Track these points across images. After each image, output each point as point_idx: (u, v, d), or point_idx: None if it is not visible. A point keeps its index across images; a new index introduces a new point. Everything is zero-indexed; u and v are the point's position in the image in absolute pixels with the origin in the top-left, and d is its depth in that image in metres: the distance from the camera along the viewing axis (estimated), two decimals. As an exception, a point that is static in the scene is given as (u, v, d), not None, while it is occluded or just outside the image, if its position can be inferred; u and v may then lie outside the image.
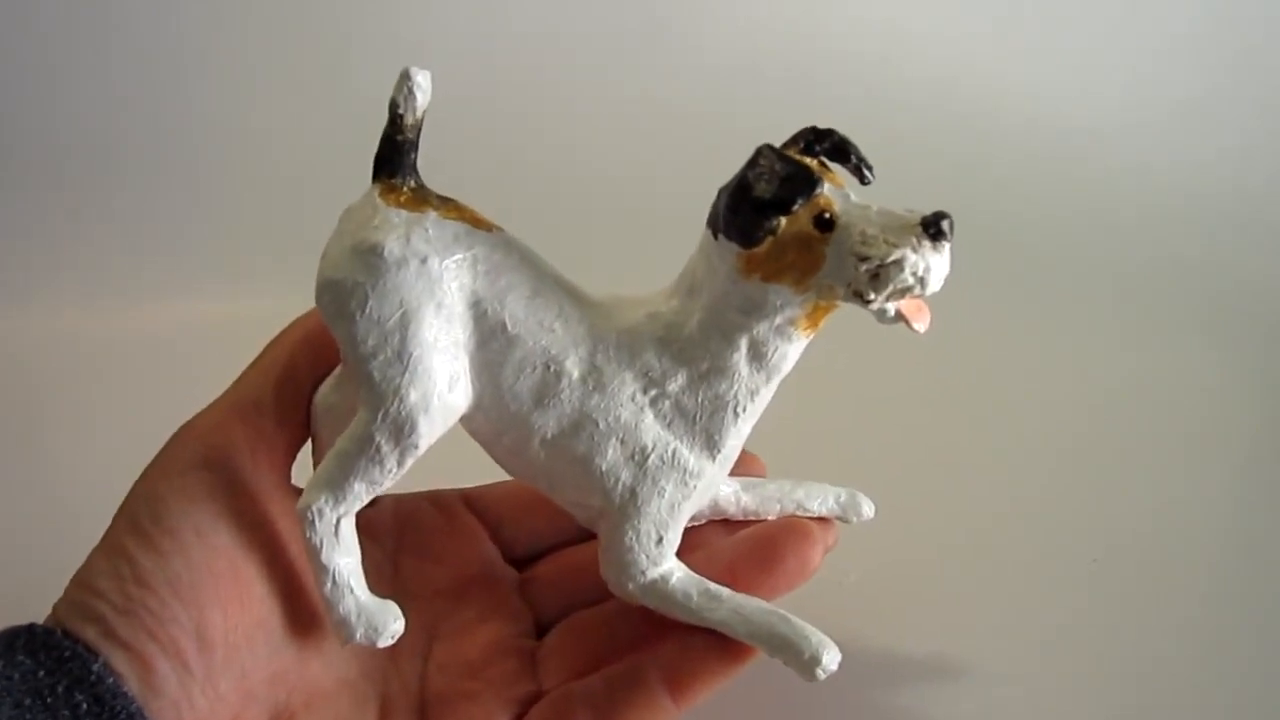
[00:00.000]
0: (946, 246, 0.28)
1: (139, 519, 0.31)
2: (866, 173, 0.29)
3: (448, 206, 0.30)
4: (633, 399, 0.31)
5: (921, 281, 0.28)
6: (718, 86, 0.83)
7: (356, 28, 0.80)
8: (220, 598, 0.30)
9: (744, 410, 0.31)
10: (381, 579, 0.35)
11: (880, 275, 0.28)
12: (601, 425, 0.31)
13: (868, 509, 0.37)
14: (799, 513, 0.37)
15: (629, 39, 0.83)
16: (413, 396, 0.30)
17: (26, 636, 0.28)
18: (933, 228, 0.27)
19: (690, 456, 0.32)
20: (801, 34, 0.85)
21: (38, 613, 0.29)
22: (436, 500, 0.39)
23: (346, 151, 0.76)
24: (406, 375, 0.30)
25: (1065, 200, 0.82)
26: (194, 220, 0.75)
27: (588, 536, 0.37)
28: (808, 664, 0.32)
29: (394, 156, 0.30)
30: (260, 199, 0.76)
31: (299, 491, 0.32)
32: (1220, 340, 0.66)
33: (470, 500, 0.40)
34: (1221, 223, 0.81)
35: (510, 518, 0.39)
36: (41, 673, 0.27)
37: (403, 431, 0.30)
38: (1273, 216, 0.81)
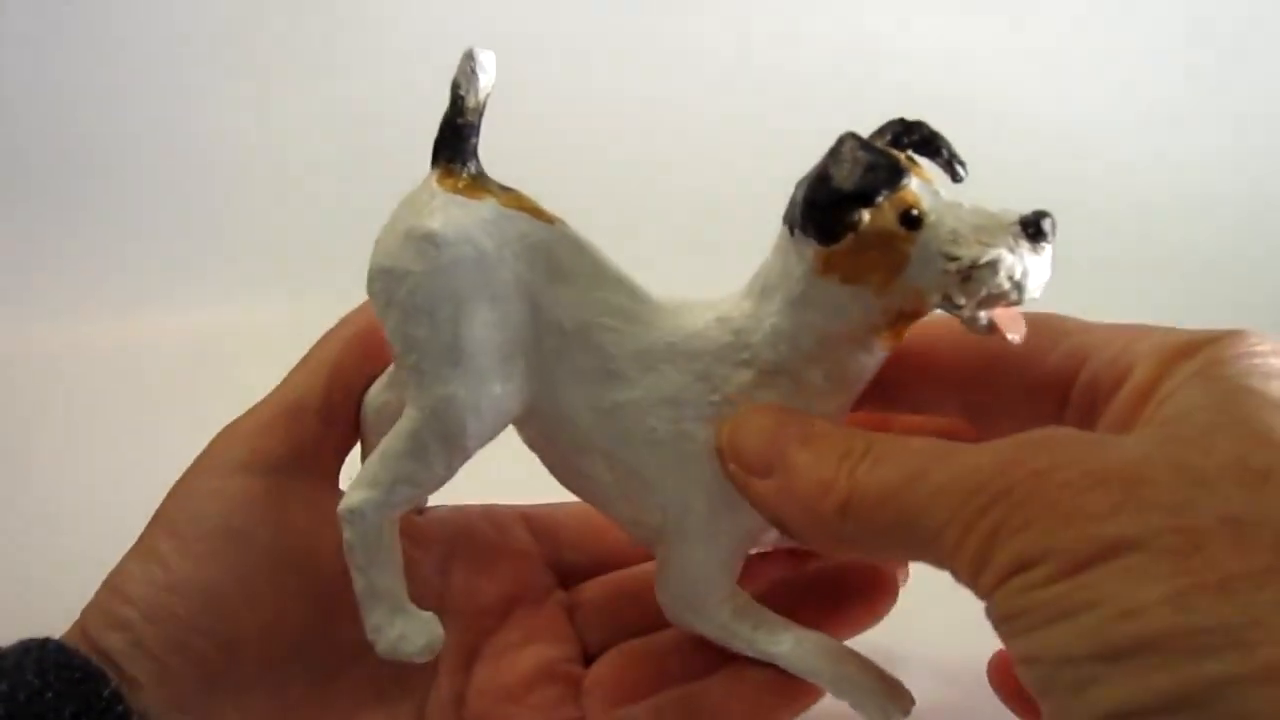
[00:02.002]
0: (1047, 249, 0.25)
1: (176, 522, 0.30)
2: (959, 169, 0.27)
3: (508, 195, 0.29)
4: (696, 408, 0.29)
5: (1018, 286, 0.25)
6: (716, 88, 0.82)
7: (351, 37, 0.81)
8: (257, 610, 0.29)
9: None
10: (428, 591, 0.33)
11: (972, 278, 0.25)
12: (662, 434, 0.29)
13: None
14: None
15: (628, 40, 0.83)
16: (462, 394, 0.28)
17: (39, 653, 0.27)
18: (1032, 227, 0.25)
19: None
20: (799, 34, 0.85)
21: (39, 624, 0.28)
22: (491, 515, 0.37)
23: (345, 161, 0.78)
24: (457, 370, 0.28)
25: (1064, 201, 0.80)
26: (195, 228, 0.76)
27: (645, 560, 0.35)
28: (876, 712, 0.29)
29: (454, 141, 0.28)
30: (261, 207, 0.77)
31: None
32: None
33: (529, 518, 0.37)
34: (1219, 223, 0.79)
35: (570, 542, 0.37)
36: (49, 694, 0.26)
37: (450, 430, 0.28)
38: (1268, 215, 0.80)
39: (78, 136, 0.77)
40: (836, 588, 0.32)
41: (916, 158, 0.27)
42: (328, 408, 0.32)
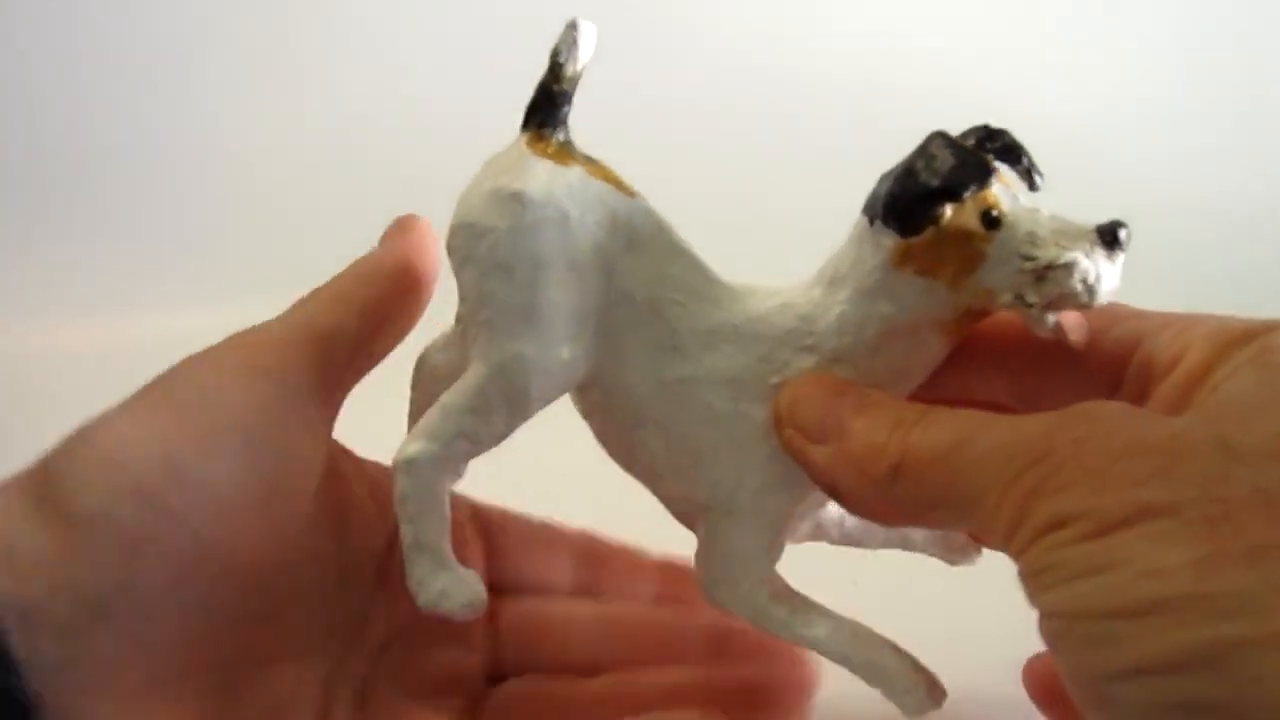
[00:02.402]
0: (1121, 257, 0.26)
1: (182, 400, 0.27)
2: (1036, 178, 0.28)
3: (593, 165, 0.29)
4: (755, 389, 0.29)
5: (1090, 290, 0.26)
6: (712, 91, 0.84)
7: (343, 41, 0.82)
8: (248, 525, 0.27)
9: None
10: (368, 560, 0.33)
11: (1047, 278, 0.26)
12: (719, 411, 0.29)
13: (975, 552, 0.35)
14: (902, 547, 0.35)
15: (629, 38, 0.82)
16: (531, 352, 0.28)
17: None
18: (1109, 235, 0.26)
19: None
20: (796, 35, 0.86)
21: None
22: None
23: (334, 165, 0.78)
24: (529, 330, 0.28)
25: (1062, 201, 0.81)
26: (181, 230, 0.76)
27: (580, 589, 0.35)
28: (909, 703, 0.30)
29: (548, 107, 0.29)
30: (248, 209, 0.77)
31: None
32: None
33: (480, 515, 0.36)
34: (1216, 223, 0.81)
35: (512, 547, 0.36)
36: None
37: (515, 387, 0.29)
38: (1264, 215, 0.82)
39: (65, 138, 0.77)
40: (756, 690, 0.33)
41: (998, 164, 0.28)
42: (359, 344, 0.30)
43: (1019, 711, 0.31)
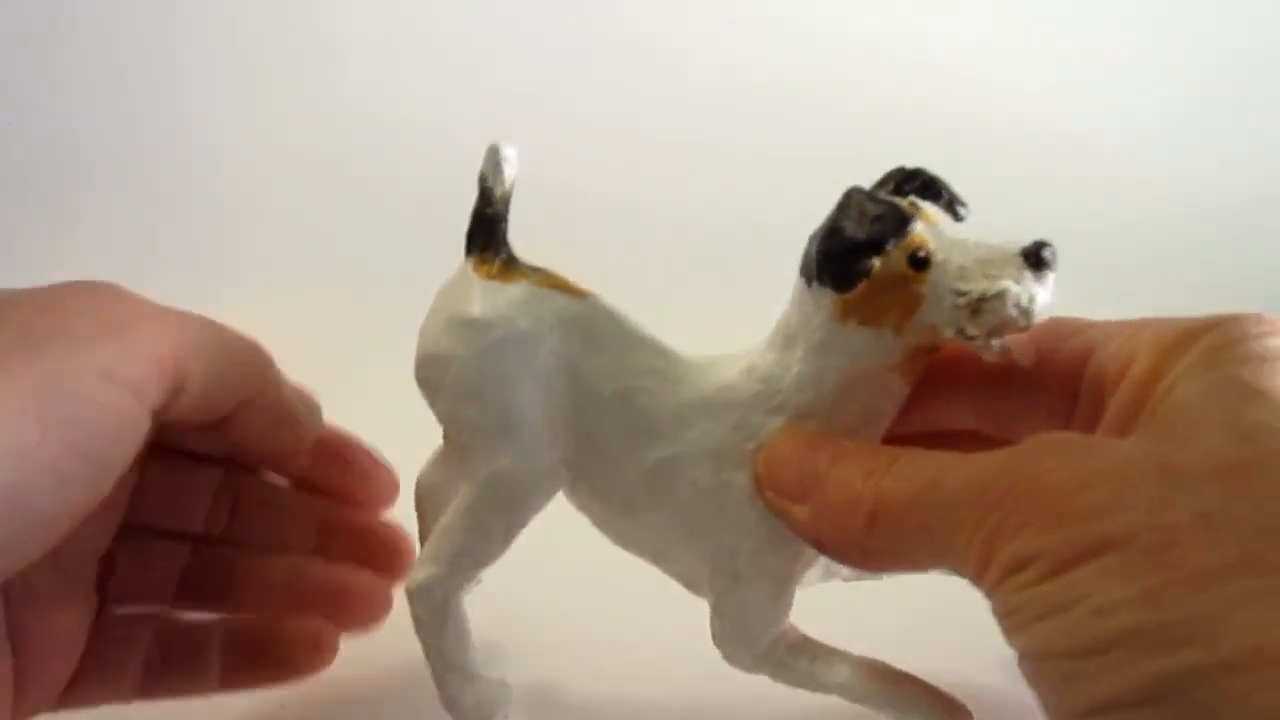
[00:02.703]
0: (1050, 276, 0.27)
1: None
2: (960, 209, 0.29)
3: (539, 275, 0.30)
4: (735, 457, 0.30)
5: (1025, 313, 0.27)
6: (715, 89, 0.83)
7: (337, 41, 0.82)
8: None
9: None
10: None
11: (982, 309, 0.27)
12: (705, 484, 0.30)
13: None
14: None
15: (626, 42, 0.84)
16: (513, 465, 0.30)
17: None
18: (1034, 257, 0.27)
19: None
20: (794, 35, 0.86)
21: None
22: None
23: (328, 167, 0.78)
24: (508, 444, 0.30)
25: (1064, 202, 0.81)
26: (183, 232, 0.76)
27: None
28: None
29: (485, 230, 0.30)
30: (242, 211, 0.77)
31: None
32: None
33: None
34: (1214, 224, 0.80)
35: None
36: None
37: (506, 500, 0.30)
38: (1262, 220, 0.81)
39: (65, 138, 0.78)
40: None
41: (919, 202, 0.29)
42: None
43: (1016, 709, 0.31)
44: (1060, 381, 0.28)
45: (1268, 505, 0.20)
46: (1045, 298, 0.27)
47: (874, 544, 0.26)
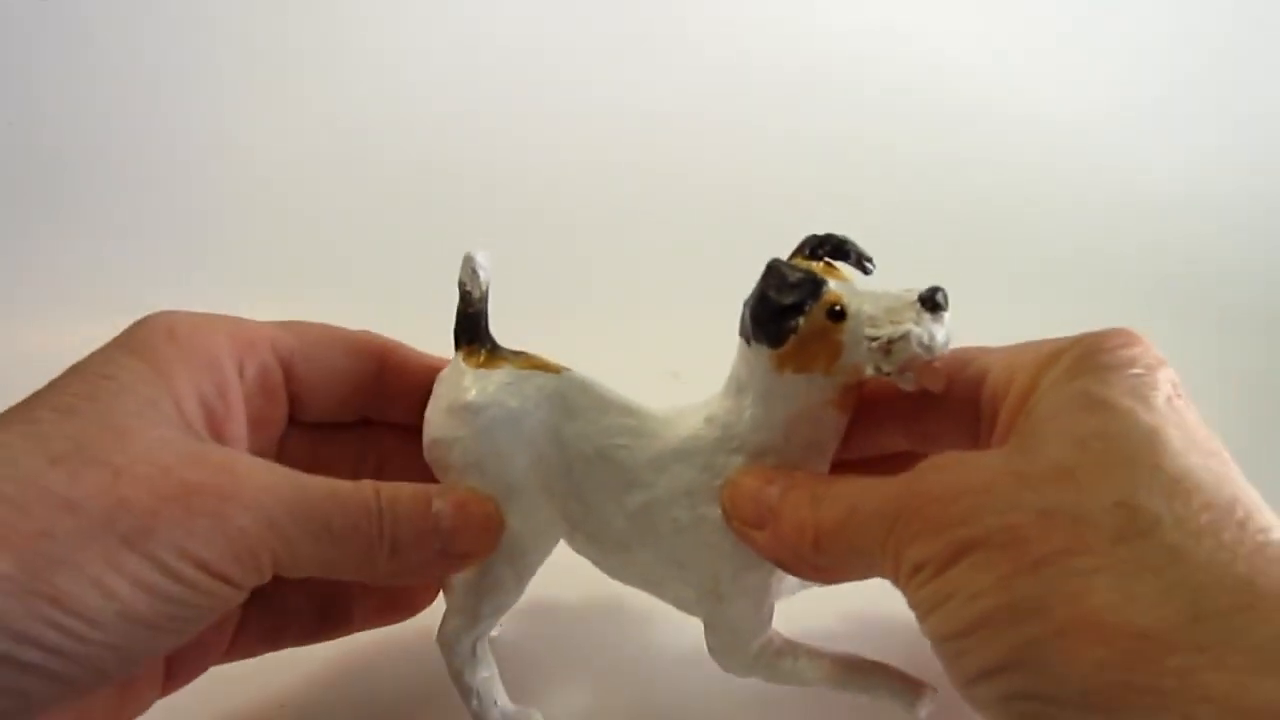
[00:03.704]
0: (945, 315, 0.32)
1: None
2: (867, 264, 0.34)
3: (520, 359, 0.35)
4: (706, 494, 0.35)
5: (928, 349, 0.31)
6: (714, 90, 0.86)
7: (340, 40, 0.84)
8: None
9: None
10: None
11: (891, 350, 0.31)
12: (684, 521, 0.35)
13: None
14: None
15: (623, 40, 0.86)
16: (518, 524, 0.35)
17: None
18: (929, 302, 0.31)
19: None
20: (792, 36, 0.88)
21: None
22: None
23: (323, 170, 0.77)
24: (510, 507, 0.34)
25: (1063, 202, 0.84)
26: (184, 232, 0.77)
27: None
28: (905, 703, 0.35)
29: (469, 327, 0.35)
30: (251, 212, 0.78)
31: None
32: (1215, 335, 0.69)
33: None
34: (1213, 223, 0.83)
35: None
36: None
37: (514, 554, 0.35)
38: (1261, 213, 0.83)
39: (65, 138, 0.79)
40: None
41: (833, 262, 0.34)
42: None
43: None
44: (965, 402, 0.33)
45: (1088, 500, 0.25)
46: (943, 334, 0.32)
47: (822, 562, 0.31)
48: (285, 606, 0.37)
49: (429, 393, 0.36)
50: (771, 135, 0.86)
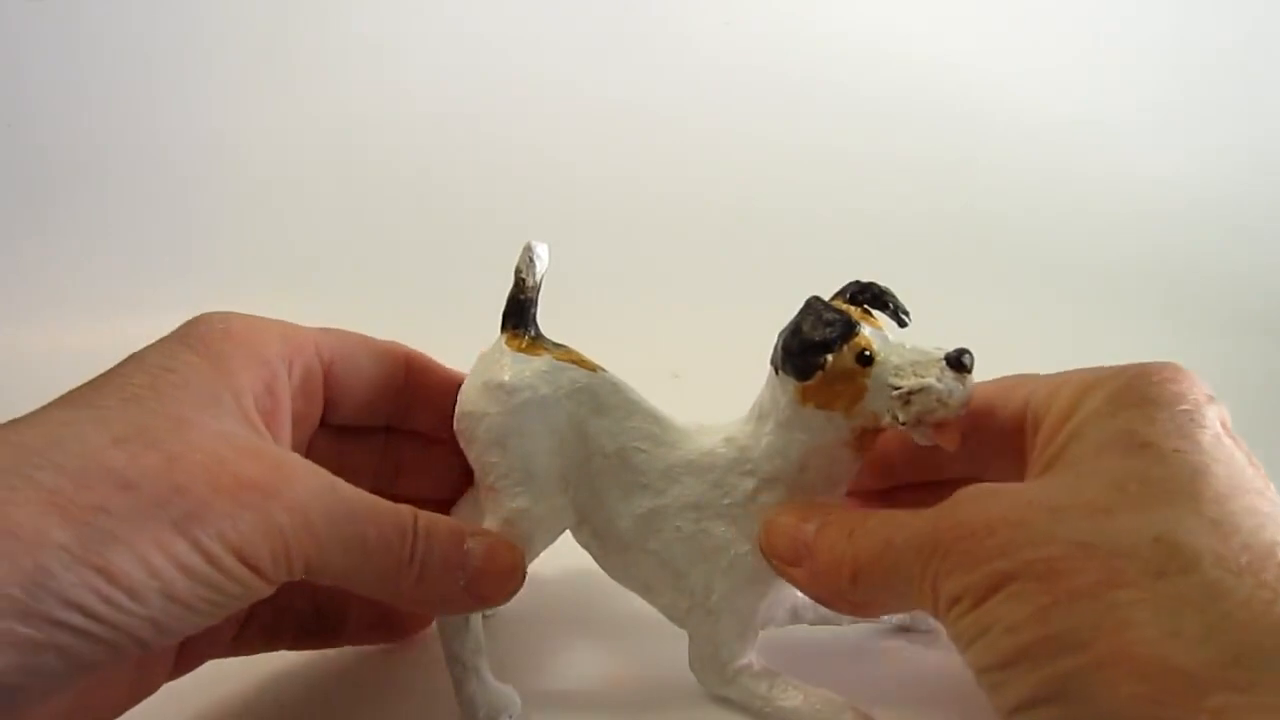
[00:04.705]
0: (968, 377, 0.33)
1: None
2: (904, 317, 0.35)
3: (560, 351, 0.37)
4: (713, 510, 0.36)
5: (945, 405, 0.33)
6: (714, 89, 0.86)
7: (339, 40, 0.85)
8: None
9: None
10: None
11: (911, 400, 0.33)
12: (686, 532, 0.37)
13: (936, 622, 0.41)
14: (869, 621, 0.41)
15: (618, 52, 0.87)
16: (530, 506, 0.36)
17: None
18: (955, 362, 0.33)
19: (762, 560, 0.37)
20: (792, 37, 0.89)
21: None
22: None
23: (320, 173, 0.78)
24: (526, 488, 0.36)
25: (1062, 202, 0.84)
26: (185, 232, 0.78)
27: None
28: None
29: (518, 312, 0.37)
30: (252, 212, 0.79)
31: None
32: (1217, 339, 0.69)
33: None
34: (1213, 221, 0.82)
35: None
36: None
37: (521, 535, 0.36)
38: (1266, 216, 0.83)
39: (65, 138, 0.80)
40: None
41: (870, 310, 0.35)
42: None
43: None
44: (1011, 429, 0.34)
45: (1127, 535, 0.25)
46: (962, 394, 0.33)
47: (859, 596, 0.32)
48: (289, 606, 0.38)
49: (450, 403, 0.38)
50: (774, 138, 0.87)
